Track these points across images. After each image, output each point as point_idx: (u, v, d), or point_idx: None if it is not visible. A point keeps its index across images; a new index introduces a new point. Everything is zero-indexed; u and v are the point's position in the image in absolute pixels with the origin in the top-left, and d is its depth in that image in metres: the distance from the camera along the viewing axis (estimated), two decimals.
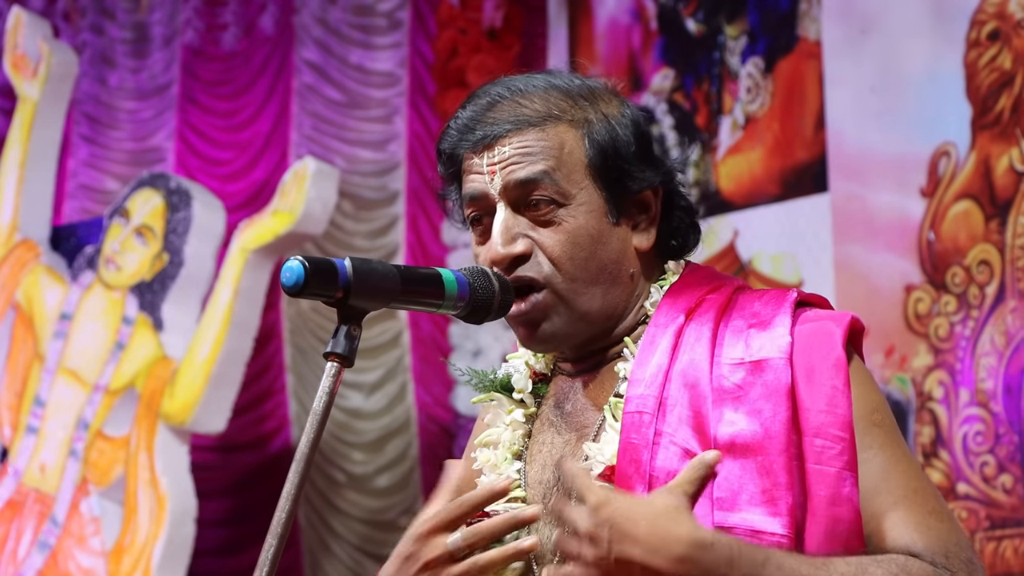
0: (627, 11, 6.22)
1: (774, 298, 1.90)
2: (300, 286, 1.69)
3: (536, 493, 1.93)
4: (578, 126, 1.91)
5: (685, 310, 1.90)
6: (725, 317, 1.88)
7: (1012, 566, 4.85)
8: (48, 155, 7.07)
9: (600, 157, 1.90)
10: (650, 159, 1.93)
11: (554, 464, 1.92)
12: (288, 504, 1.64)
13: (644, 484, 1.80)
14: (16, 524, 6.57)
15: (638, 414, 1.83)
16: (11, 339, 6.89)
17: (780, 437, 1.79)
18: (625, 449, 1.83)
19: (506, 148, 1.89)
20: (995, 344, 4.94)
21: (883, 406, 1.84)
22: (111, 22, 7.73)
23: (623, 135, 1.92)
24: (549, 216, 1.89)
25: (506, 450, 1.97)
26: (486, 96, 1.94)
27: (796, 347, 1.83)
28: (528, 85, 1.94)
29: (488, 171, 1.90)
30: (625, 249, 1.92)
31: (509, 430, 1.99)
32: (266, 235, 6.26)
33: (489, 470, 1.97)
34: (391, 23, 6.97)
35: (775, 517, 1.76)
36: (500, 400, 2.02)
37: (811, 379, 1.81)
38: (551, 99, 1.92)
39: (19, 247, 6.95)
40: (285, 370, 7.02)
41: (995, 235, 4.99)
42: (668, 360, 1.86)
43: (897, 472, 1.80)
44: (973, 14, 5.11)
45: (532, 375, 2.02)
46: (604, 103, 1.94)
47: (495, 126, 1.90)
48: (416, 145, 6.82)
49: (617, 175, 1.90)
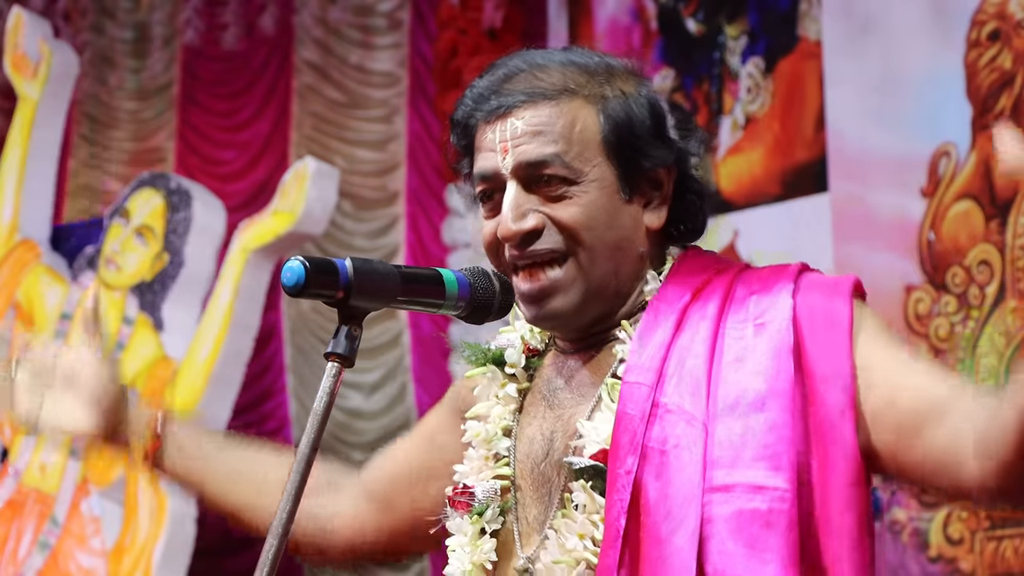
0: (627, 11, 6.23)
1: (777, 268, 1.92)
2: (301, 286, 1.69)
3: (524, 467, 1.92)
4: (594, 101, 1.90)
5: (692, 289, 1.90)
6: (731, 293, 1.89)
7: (1012, 566, 4.85)
8: (48, 155, 7.07)
9: (614, 133, 1.89)
10: (664, 138, 1.93)
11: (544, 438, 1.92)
12: (288, 504, 1.64)
13: (636, 455, 1.80)
14: (16, 524, 6.57)
15: (636, 385, 1.84)
16: (11, 339, 6.88)
17: (785, 395, 1.79)
18: (620, 419, 1.82)
19: (519, 123, 1.88)
20: (995, 344, 4.95)
21: (886, 331, 1.85)
22: (111, 22, 7.73)
23: (638, 112, 1.91)
24: (561, 192, 1.88)
25: (496, 425, 1.96)
26: (504, 67, 1.93)
27: (799, 306, 1.84)
28: (546, 59, 1.93)
29: (500, 148, 1.89)
30: (636, 227, 1.92)
31: (500, 405, 1.98)
32: (266, 235, 6.26)
33: (479, 444, 1.97)
34: (391, 23, 6.97)
35: (777, 471, 1.76)
36: (493, 373, 2.01)
37: (815, 331, 1.82)
38: (568, 73, 1.91)
39: (19, 247, 6.95)
40: (285, 370, 7.02)
41: (995, 235, 4.99)
42: (671, 336, 1.86)
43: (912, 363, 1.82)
44: (973, 14, 5.12)
45: (526, 350, 2.01)
46: (622, 80, 1.93)
47: (509, 96, 1.89)
48: (416, 145, 6.82)
49: (630, 152, 1.90)
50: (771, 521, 1.75)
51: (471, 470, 1.96)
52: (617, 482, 1.80)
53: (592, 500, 1.83)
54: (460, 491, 1.95)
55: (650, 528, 1.78)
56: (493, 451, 1.95)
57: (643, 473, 1.79)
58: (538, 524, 1.89)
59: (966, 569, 4.96)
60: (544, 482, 1.90)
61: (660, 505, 1.78)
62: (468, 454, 1.98)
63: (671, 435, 1.80)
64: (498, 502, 1.93)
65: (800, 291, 1.86)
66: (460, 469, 1.97)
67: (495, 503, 1.92)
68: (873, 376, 1.80)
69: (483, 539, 1.93)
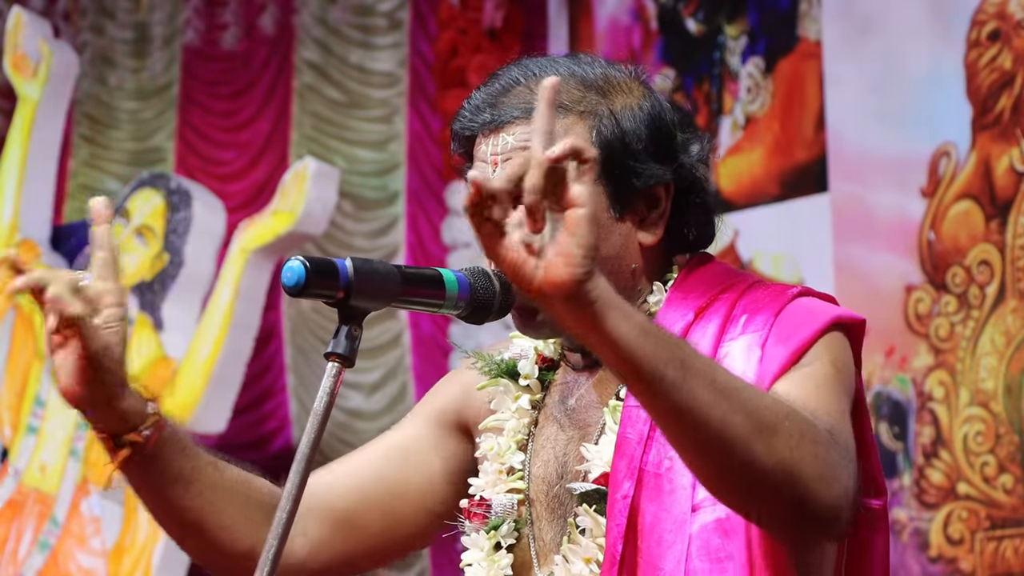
0: (627, 11, 6.22)
1: (779, 290, 1.89)
2: (301, 286, 1.68)
3: (539, 489, 1.91)
4: (587, 118, 1.88)
5: (695, 308, 1.88)
6: (731, 314, 1.87)
7: (1012, 566, 4.85)
8: (48, 155, 7.07)
9: (605, 152, 1.85)
10: (663, 154, 1.89)
11: (557, 461, 1.91)
12: (288, 504, 1.64)
13: (632, 480, 1.79)
14: (16, 524, 6.57)
15: (636, 408, 1.82)
16: (11, 339, 6.89)
17: None
18: (620, 443, 1.82)
19: (510, 138, 1.87)
20: (995, 344, 4.95)
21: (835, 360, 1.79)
22: (111, 22, 7.73)
23: (634, 128, 1.88)
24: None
25: (510, 439, 1.96)
26: (502, 78, 1.92)
27: (777, 322, 1.82)
28: (546, 71, 1.90)
29: (491, 161, 1.88)
30: (627, 244, 1.89)
31: (515, 418, 1.97)
32: (266, 235, 6.26)
33: (493, 458, 1.95)
34: (391, 23, 6.97)
35: None
36: (506, 386, 1.99)
37: (777, 342, 1.79)
38: (566, 88, 1.88)
39: (19, 247, 6.95)
40: (286, 370, 7.02)
41: (995, 235, 5.00)
42: None
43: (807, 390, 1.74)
44: (973, 14, 5.12)
45: (539, 360, 1.99)
46: (623, 94, 1.90)
47: (503, 111, 1.88)
48: (416, 145, 6.82)
49: (621, 171, 1.87)
50: (728, 529, 1.75)
51: (486, 483, 1.95)
52: (615, 507, 1.79)
53: (597, 524, 1.82)
54: (477, 503, 1.94)
55: (645, 553, 1.77)
56: (507, 465, 1.94)
57: (640, 497, 1.79)
58: (554, 545, 1.88)
59: (966, 569, 4.96)
60: (558, 505, 1.89)
61: (654, 529, 1.78)
62: (483, 467, 1.96)
63: (665, 457, 1.79)
64: (513, 516, 1.92)
65: (785, 308, 1.84)
66: (475, 482, 1.96)
67: (511, 517, 1.92)
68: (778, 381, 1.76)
69: (499, 554, 1.92)
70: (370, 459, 2.05)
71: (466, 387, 2.05)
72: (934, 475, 5.05)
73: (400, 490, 2.01)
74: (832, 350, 1.80)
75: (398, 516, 2.01)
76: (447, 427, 2.04)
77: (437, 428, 2.04)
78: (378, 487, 2.02)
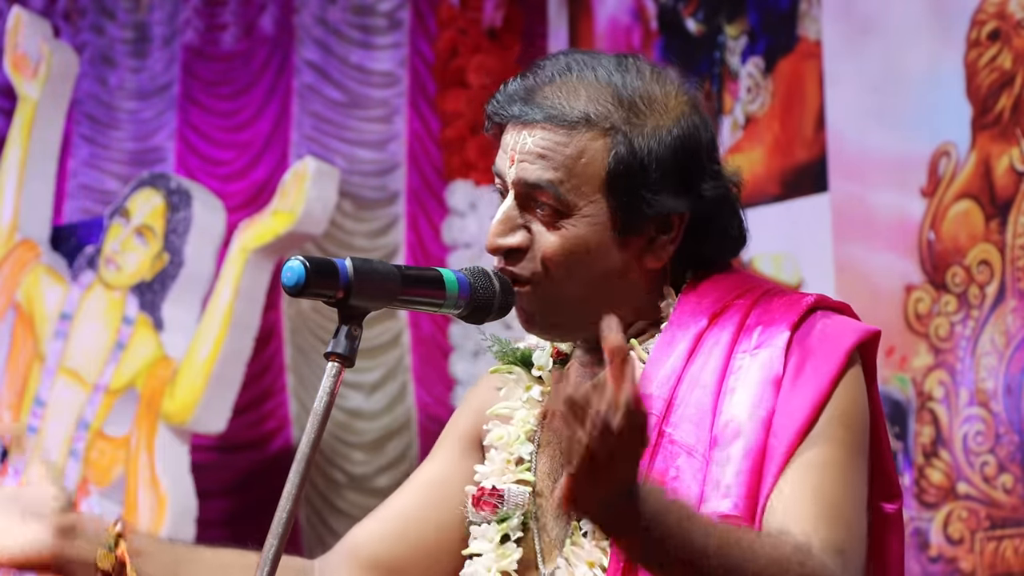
0: (627, 11, 6.22)
1: (794, 298, 1.87)
2: (301, 286, 1.68)
3: (545, 485, 1.91)
4: (610, 135, 1.84)
5: (709, 314, 1.86)
6: (745, 321, 1.85)
7: (1012, 566, 4.85)
8: (48, 155, 7.07)
9: (619, 172, 1.83)
10: (684, 182, 1.86)
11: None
12: (288, 504, 1.64)
13: None
14: None
15: None
16: (11, 339, 6.89)
17: (761, 422, 1.77)
18: None
19: (530, 140, 1.85)
20: (995, 344, 4.95)
21: (848, 418, 1.79)
22: (111, 22, 7.73)
23: (656, 152, 1.84)
24: (550, 220, 1.85)
25: (519, 428, 1.95)
26: (542, 72, 1.88)
27: (795, 341, 1.81)
28: (585, 74, 1.87)
29: (510, 155, 1.87)
30: (628, 263, 1.87)
31: (525, 408, 1.96)
32: (266, 235, 6.26)
33: (502, 447, 1.94)
34: (391, 23, 6.97)
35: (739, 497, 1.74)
36: (519, 375, 1.99)
37: (796, 378, 1.79)
38: (598, 99, 1.85)
39: (19, 247, 6.95)
40: (285, 370, 7.02)
41: (995, 235, 5.00)
42: (683, 363, 1.83)
43: (819, 485, 1.75)
44: (973, 14, 5.12)
45: (555, 353, 1.98)
46: (657, 114, 1.86)
47: (531, 109, 1.86)
48: (416, 145, 6.82)
49: (632, 195, 1.84)
50: None
51: (491, 472, 1.94)
52: None
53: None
54: (490, 492, 1.92)
55: None
56: (516, 455, 1.94)
57: None
58: (559, 543, 1.87)
59: (966, 569, 4.96)
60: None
61: None
62: (490, 455, 1.96)
63: (671, 467, 1.78)
64: (524, 509, 1.91)
65: (802, 327, 1.83)
66: (481, 469, 1.95)
67: (522, 510, 1.91)
68: (793, 462, 1.76)
69: (508, 546, 1.91)
70: (411, 500, 2.03)
71: (478, 405, 2.03)
72: (934, 475, 5.05)
73: (445, 523, 1.99)
74: (846, 400, 1.79)
75: (445, 548, 1.99)
76: (471, 450, 2.03)
77: (461, 455, 2.03)
78: (423, 528, 2.01)
